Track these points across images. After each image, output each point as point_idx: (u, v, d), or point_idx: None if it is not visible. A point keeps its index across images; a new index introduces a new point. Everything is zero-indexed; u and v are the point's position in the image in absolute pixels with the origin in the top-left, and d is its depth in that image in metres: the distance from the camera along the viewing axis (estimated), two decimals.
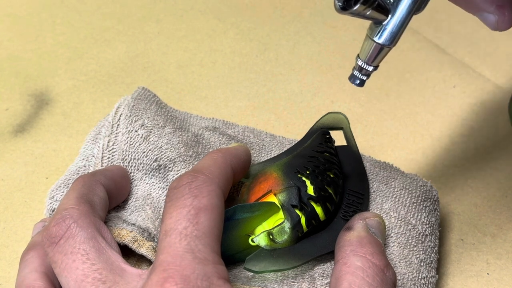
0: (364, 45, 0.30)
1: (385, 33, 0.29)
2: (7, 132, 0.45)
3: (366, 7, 0.27)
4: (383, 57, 0.30)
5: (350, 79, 0.31)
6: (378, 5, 0.28)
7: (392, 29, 0.29)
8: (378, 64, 0.30)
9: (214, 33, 0.54)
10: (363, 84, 0.31)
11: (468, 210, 0.40)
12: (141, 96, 0.38)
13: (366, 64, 0.30)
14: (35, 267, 0.29)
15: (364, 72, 0.31)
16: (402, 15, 0.29)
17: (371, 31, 0.29)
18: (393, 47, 0.30)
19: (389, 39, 0.29)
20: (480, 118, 0.46)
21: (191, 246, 0.25)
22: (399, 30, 0.29)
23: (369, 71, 0.31)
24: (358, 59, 0.30)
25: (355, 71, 0.31)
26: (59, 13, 0.56)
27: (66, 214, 0.28)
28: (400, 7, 0.28)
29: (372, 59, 0.30)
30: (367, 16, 0.28)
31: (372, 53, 0.30)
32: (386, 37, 0.29)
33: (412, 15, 0.29)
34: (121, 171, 0.34)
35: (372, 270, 0.28)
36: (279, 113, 0.47)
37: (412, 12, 0.29)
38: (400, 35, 0.29)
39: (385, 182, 0.36)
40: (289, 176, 0.33)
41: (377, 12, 0.28)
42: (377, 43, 0.29)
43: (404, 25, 0.29)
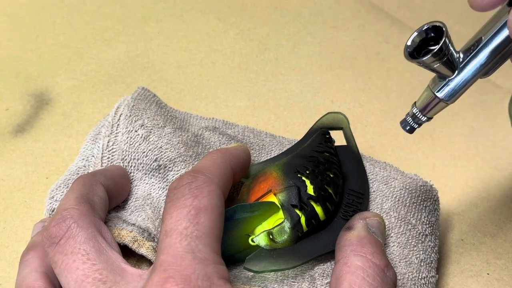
0: (424, 95, 0.30)
1: (447, 89, 0.29)
2: (7, 132, 0.45)
3: (435, 59, 0.27)
4: (438, 110, 0.30)
5: (401, 124, 0.32)
6: (447, 60, 0.28)
7: (455, 86, 0.29)
8: (432, 116, 0.31)
9: (214, 33, 0.54)
10: (412, 132, 0.32)
11: (468, 210, 0.40)
12: (141, 96, 0.38)
13: (420, 113, 0.31)
14: (35, 267, 0.29)
15: (416, 121, 0.31)
16: (468, 75, 0.29)
17: (433, 84, 0.30)
18: (451, 103, 0.30)
19: (449, 95, 0.29)
20: (480, 118, 0.46)
21: (191, 246, 0.25)
22: (461, 89, 0.29)
23: (422, 121, 0.31)
24: (414, 107, 0.31)
25: (408, 118, 0.31)
26: (59, 13, 0.56)
27: (66, 214, 0.28)
28: (468, 67, 0.29)
29: (427, 110, 0.30)
30: (433, 69, 0.28)
31: (429, 105, 0.30)
32: (447, 93, 0.29)
33: (478, 77, 0.29)
34: (121, 171, 0.34)
35: (373, 270, 0.28)
36: (279, 113, 0.47)
37: (479, 74, 0.29)
38: (461, 94, 0.29)
39: (385, 182, 0.36)
40: (289, 176, 0.33)
41: (444, 67, 0.28)
42: (437, 97, 0.29)
43: (468, 85, 0.29)
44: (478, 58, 0.28)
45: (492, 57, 0.28)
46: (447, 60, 0.28)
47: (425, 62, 0.28)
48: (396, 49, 0.52)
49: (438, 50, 0.27)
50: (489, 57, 0.28)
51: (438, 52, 0.27)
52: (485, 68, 0.29)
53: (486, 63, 0.28)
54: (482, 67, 0.29)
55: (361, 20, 0.54)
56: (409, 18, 0.55)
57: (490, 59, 0.28)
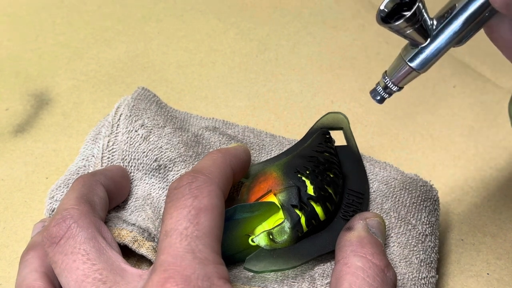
0: (394, 63, 0.29)
1: (419, 57, 0.28)
2: (7, 132, 0.45)
3: (407, 25, 0.27)
4: (410, 80, 0.29)
5: (371, 94, 0.31)
6: (420, 27, 0.27)
7: (427, 55, 0.28)
8: (403, 86, 0.30)
9: (214, 33, 0.54)
10: (383, 102, 0.31)
11: (468, 210, 0.40)
12: (141, 96, 0.38)
13: (392, 83, 0.30)
14: (35, 267, 0.29)
15: (387, 91, 0.30)
16: (441, 43, 0.28)
17: (405, 52, 0.29)
18: (422, 73, 0.29)
19: (421, 64, 0.28)
20: (480, 118, 0.46)
21: (191, 247, 0.25)
22: (433, 57, 0.28)
23: (393, 91, 0.30)
24: (385, 76, 0.30)
25: (379, 87, 0.30)
26: (59, 13, 0.56)
27: (66, 214, 0.28)
28: (442, 35, 0.28)
29: (399, 80, 0.29)
30: (406, 35, 0.27)
31: (400, 74, 0.29)
32: (419, 61, 0.28)
33: (451, 46, 0.28)
34: (121, 171, 0.34)
35: (373, 270, 0.28)
36: (279, 113, 0.47)
37: (452, 43, 0.28)
38: (433, 62, 0.29)
39: (385, 182, 0.36)
40: (289, 176, 0.33)
41: (417, 34, 0.27)
42: (409, 66, 0.29)
43: (440, 54, 0.28)
44: (452, 25, 0.28)
45: (466, 25, 0.28)
46: (420, 26, 0.27)
47: (397, 27, 0.27)
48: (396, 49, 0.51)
49: (411, 15, 0.26)
50: (463, 24, 0.28)
51: (411, 17, 0.26)
52: (459, 36, 0.28)
53: (460, 31, 0.28)
54: (455, 35, 0.28)
55: (361, 20, 0.54)
56: None
57: (464, 27, 0.28)
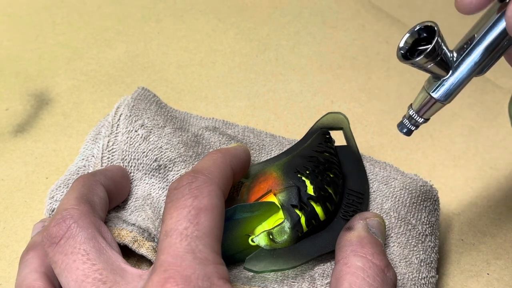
0: (419, 96, 0.30)
1: (442, 89, 0.29)
2: (7, 132, 0.45)
3: (428, 60, 0.27)
4: (435, 111, 0.30)
5: (399, 127, 0.31)
6: (441, 60, 0.27)
7: (450, 86, 0.29)
8: (429, 117, 0.30)
9: (214, 33, 0.54)
10: (410, 134, 0.31)
11: (468, 210, 0.40)
12: (141, 96, 0.38)
13: (417, 115, 0.30)
14: (35, 267, 0.29)
15: (413, 122, 0.31)
16: (462, 74, 0.28)
17: (428, 85, 0.29)
18: (447, 104, 0.29)
19: (445, 95, 0.29)
20: (480, 118, 0.46)
21: (191, 247, 0.25)
22: (456, 88, 0.29)
23: (419, 123, 0.31)
24: (410, 109, 0.30)
25: (405, 120, 0.31)
26: (59, 13, 0.56)
27: (66, 214, 0.28)
28: (462, 66, 0.28)
29: (423, 111, 0.30)
30: (427, 69, 0.28)
31: (425, 106, 0.30)
32: (442, 93, 0.29)
33: (473, 76, 0.29)
34: (121, 171, 0.34)
35: (373, 270, 0.28)
36: (279, 113, 0.47)
37: (474, 73, 0.28)
38: (457, 93, 0.29)
39: (385, 182, 0.36)
40: (289, 176, 0.33)
41: (438, 67, 0.28)
42: (433, 98, 0.29)
43: (463, 84, 0.29)
44: (472, 56, 0.28)
45: (486, 54, 0.28)
46: (441, 60, 0.27)
47: (418, 62, 0.27)
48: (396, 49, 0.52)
49: (430, 50, 0.27)
50: (483, 54, 0.28)
51: (431, 52, 0.27)
52: (480, 66, 0.28)
53: (480, 61, 0.28)
54: (476, 65, 0.28)
55: (361, 20, 0.54)
56: (409, 18, 0.55)
57: (484, 56, 0.28)
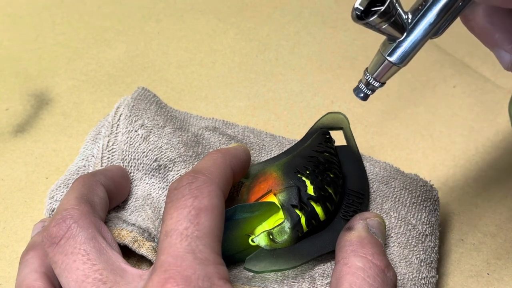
0: (374, 60, 0.29)
1: (398, 51, 0.28)
2: (7, 132, 0.45)
3: (382, 20, 0.27)
4: (391, 75, 0.29)
5: (354, 91, 0.31)
6: (395, 21, 0.27)
7: (405, 48, 0.28)
8: (385, 81, 0.30)
9: (214, 33, 0.54)
10: (366, 99, 0.31)
11: (468, 210, 0.40)
12: (141, 96, 0.38)
13: (373, 79, 0.30)
14: (35, 267, 0.29)
15: (370, 87, 0.30)
16: (417, 36, 0.28)
17: (384, 47, 0.29)
18: (403, 67, 0.29)
19: (400, 58, 0.28)
20: (480, 118, 0.46)
21: (192, 247, 0.25)
22: (412, 50, 0.28)
23: (375, 87, 0.30)
24: (366, 73, 0.30)
25: (361, 85, 0.30)
26: (59, 13, 0.56)
27: (67, 214, 0.28)
28: (417, 27, 0.28)
29: (380, 75, 0.30)
30: (382, 30, 0.27)
31: (381, 69, 0.29)
32: (398, 56, 0.28)
33: (428, 38, 0.28)
34: (121, 171, 0.34)
35: (373, 270, 0.28)
36: (279, 113, 0.47)
37: (429, 35, 0.28)
38: (412, 56, 0.29)
39: (385, 182, 0.36)
40: (289, 176, 0.33)
41: (392, 28, 0.27)
42: (388, 61, 0.29)
43: (418, 46, 0.28)
44: (427, 17, 0.28)
45: (440, 15, 0.27)
46: (395, 20, 0.27)
47: (372, 22, 0.27)
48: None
49: (384, 10, 0.26)
50: (438, 16, 0.27)
51: (385, 12, 0.26)
52: (435, 27, 0.28)
53: (435, 22, 0.28)
54: (431, 27, 0.28)
55: None
56: None
57: (439, 18, 0.28)
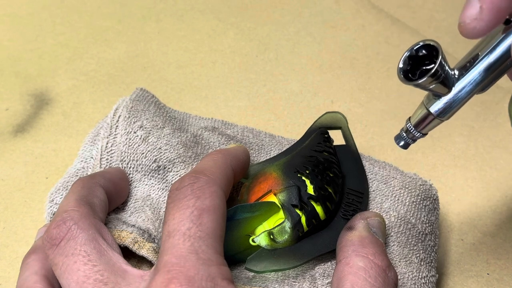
0: (418, 111, 0.30)
1: (442, 107, 0.28)
2: (7, 132, 0.45)
3: (432, 80, 0.27)
4: (433, 127, 0.30)
5: (396, 140, 0.31)
6: (443, 80, 0.27)
7: (450, 104, 0.28)
8: (427, 132, 0.30)
9: (214, 33, 0.54)
10: (407, 147, 0.31)
11: (468, 210, 0.40)
12: (139, 97, 0.38)
13: (414, 129, 0.30)
14: (35, 270, 0.29)
15: (410, 137, 0.30)
16: (463, 93, 0.28)
17: (428, 101, 0.29)
18: (445, 120, 0.29)
19: (444, 113, 0.28)
20: (480, 118, 0.46)
21: (194, 247, 0.25)
22: (456, 106, 0.28)
23: (416, 137, 0.30)
24: (409, 122, 0.30)
25: (403, 133, 0.31)
26: (59, 13, 0.56)
27: (67, 216, 0.28)
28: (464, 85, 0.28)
29: (422, 127, 0.30)
30: (430, 89, 0.27)
31: (423, 121, 0.29)
32: (442, 111, 0.28)
33: (474, 94, 0.28)
34: (120, 173, 0.34)
35: (374, 270, 0.28)
36: (279, 113, 0.47)
37: (474, 92, 0.28)
38: (456, 111, 0.29)
39: (385, 181, 0.36)
40: (289, 176, 0.33)
41: (440, 86, 0.27)
42: (431, 114, 0.29)
43: (463, 102, 0.28)
44: (474, 75, 0.28)
45: (488, 74, 0.28)
46: (444, 80, 0.27)
47: (421, 84, 0.27)
48: (396, 49, 0.52)
49: (434, 71, 0.26)
50: (485, 74, 0.28)
51: (435, 73, 0.26)
52: (481, 85, 0.28)
53: (482, 80, 0.28)
54: (478, 85, 0.28)
55: (361, 20, 0.54)
56: (409, 18, 0.55)
57: (486, 76, 0.28)
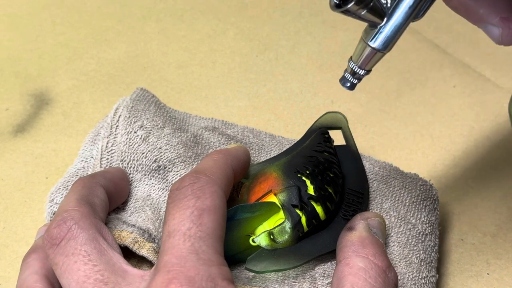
0: (358, 48, 0.29)
1: (380, 37, 0.28)
2: (7, 132, 0.45)
3: (360, 7, 0.26)
4: (376, 61, 0.29)
5: (341, 81, 0.30)
6: (374, 7, 0.26)
7: (387, 34, 0.28)
8: (370, 68, 0.29)
9: (214, 33, 0.54)
10: (353, 88, 0.30)
11: (468, 210, 0.40)
12: (139, 97, 0.38)
13: (358, 67, 0.29)
14: (35, 269, 0.29)
15: (356, 76, 0.30)
16: (398, 20, 0.27)
17: (366, 34, 0.28)
18: (387, 52, 0.28)
19: (383, 44, 0.28)
20: (480, 118, 0.46)
21: (195, 247, 0.25)
22: (394, 35, 0.28)
23: (361, 75, 0.30)
24: (351, 61, 0.29)
25: (347, 74, 0.30)
26: (59, 13, 0.56)
27: (67, 216, 0.28)
28: (397, 12, 0.27)
29: (365, 63, 0.29)
30: (362, 17, 0.27)
31: (365, 57, 0.29)
32: (380, 41, 0.28)
33: (409, 21, 0.28)
34: (121, 172, 0.34)
35: (375, 271, 0.28)
36: (279, 113, 0.47)
37: (409, 18, 0.28)
38: (395, 41, 0.28)
39: (385, 182, 0.36)
40: (289, 176, 0.33)
41: (372, 14, 0.27)
42: (371, 47, 0.28)
43: (400, 31, 0.28)
44: (406, 0, 0.27)
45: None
46: (373, 6, 0.26)
47: (350, 10, 0.26)
48: (396, 49, 0.52)
49: None
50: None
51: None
52: (415, 10, 0.27)
53: (415, 4, 0.27)
54: (411, 10, 0.27)
55: None
56: None
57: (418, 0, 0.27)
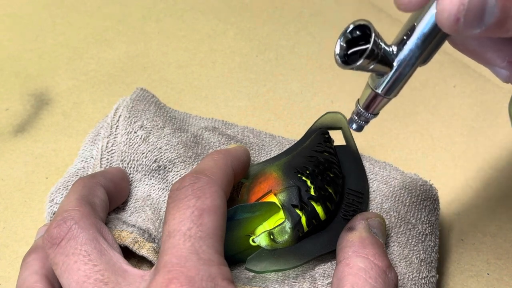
0: (365, 93, 0.29)
1: (388, 85, 0.28)
2: (7, 132, 0.45)
3: (370, 61, 0.26)
4: (383, 106, 0.29)
5: (349, 123, 0.31)
6: (382, 59, 0.27)
7: (394, 82, 0.28)
8: (378, 112, 0.30)
9: (214, 33, 0.54)
10: (361, 130, 0.31)
11: (468, 210, 0.40)
12: (139, 97, 0.38)
13: (365, 111, 0.30)
14: (35, 269, 0.29)
15: (362, 119, 0.30)
16: (405, 68, 0.27)
17: (372, 81, 0.29)
18: (393, 97, 0.29)
19: (389, 91, 0.28)
20: (480, 118, 0.46)
21: (195, 247, 0.25)
22: (401, 82, 0.28)
23: (369, 119, 0.30)
24: (358, 105, 0.30)
25: (354, 116, 0.30)
26: (59, 13, 0.56)
27: (67, 216, 0.28)
28: (404, 59, 0.27)
29: (372, 108, 0.29)
30: (371, 70, 0.27)
31: (371, 102, 0.29)
32: (387, 89, 0.28)
33: (416, 67, 0.28)
34: (121, 172, 0.34)
35: (375, 271, 0.28)
36: (279, 113, 0.47)
37: (416, 65, 0.28)
38: (402, 86, 0.28)
39: (385, 182, 0.36)
40: (289, 176, 0.33)
41: (380, 65, 0.27)
42: (378, 94, 0.28)
43: (407, 77, 0.28)
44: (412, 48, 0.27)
45: (425, 45, 0.27)
46: (382, 58, 0.26)
47: (359, 66, 0.26)
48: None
49: (369, 51, 0.26)
50: (423, 45, 0.27)
51: (370, 53, 0.26)
52: (422, 57, 0.27)
53: (421, 52, 0.27)
54: (417, 57, 0.27)
55: None
56: None
57: (424, 47, 0.27)
